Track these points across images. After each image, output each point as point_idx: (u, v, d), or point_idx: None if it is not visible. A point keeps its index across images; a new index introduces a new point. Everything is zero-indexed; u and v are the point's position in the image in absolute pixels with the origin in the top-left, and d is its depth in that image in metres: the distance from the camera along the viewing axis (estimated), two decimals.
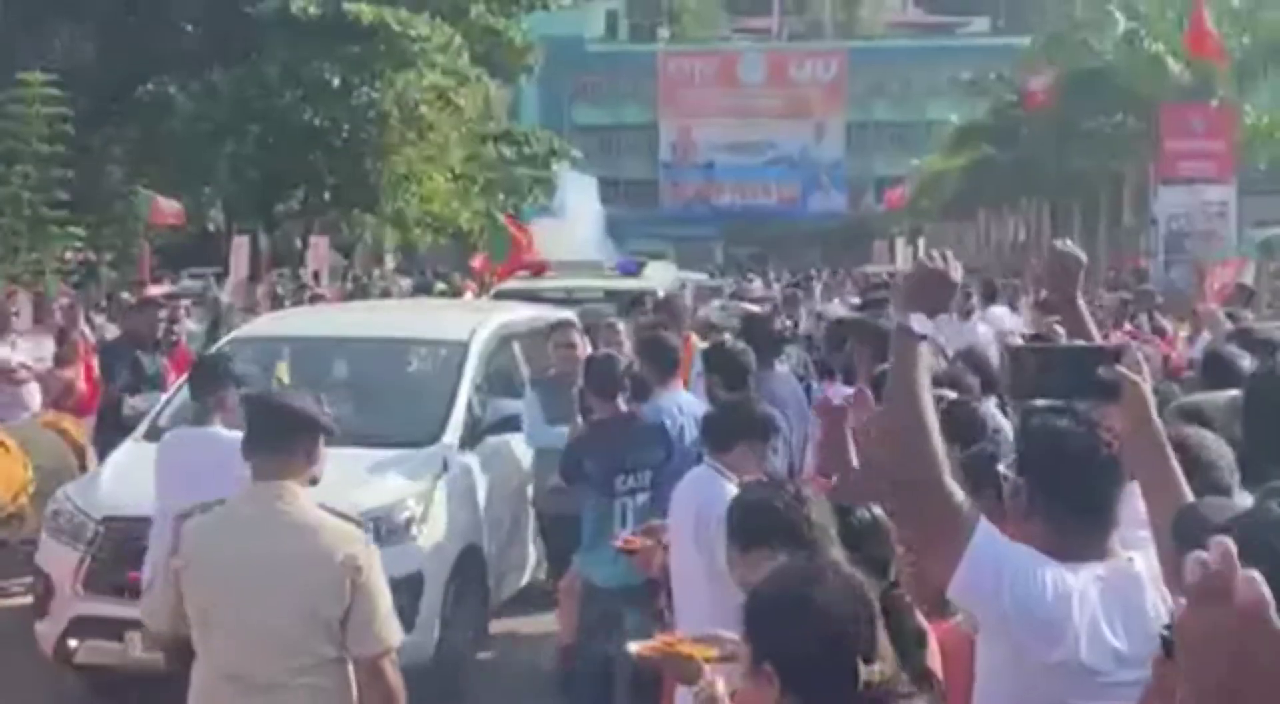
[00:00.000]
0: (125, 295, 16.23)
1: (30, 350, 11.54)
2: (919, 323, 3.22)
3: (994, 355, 7.77)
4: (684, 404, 7.35)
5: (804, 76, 74.84)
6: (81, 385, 11.08)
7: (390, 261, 40.26)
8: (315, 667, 4.10)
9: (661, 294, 12.66)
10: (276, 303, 18.09)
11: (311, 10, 29.86)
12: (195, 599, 4.25)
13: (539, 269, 14.70)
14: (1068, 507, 3.05)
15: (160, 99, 30.80)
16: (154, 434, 8.46)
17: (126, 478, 7.54)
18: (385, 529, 7.39)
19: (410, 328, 10.00)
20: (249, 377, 6.72)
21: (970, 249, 53.56)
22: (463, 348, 8.92)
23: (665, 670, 3.91)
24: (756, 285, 9.70)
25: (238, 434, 5.06)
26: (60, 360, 11.28)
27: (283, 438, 4.32)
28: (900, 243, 63.21)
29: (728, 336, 8.60)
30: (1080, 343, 3.56)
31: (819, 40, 77.85)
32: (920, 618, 3.42)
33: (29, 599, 8.25)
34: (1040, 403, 3.33)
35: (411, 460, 7.90)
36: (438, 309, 14.26)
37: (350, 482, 7.62)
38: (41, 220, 25.73)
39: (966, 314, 13.17)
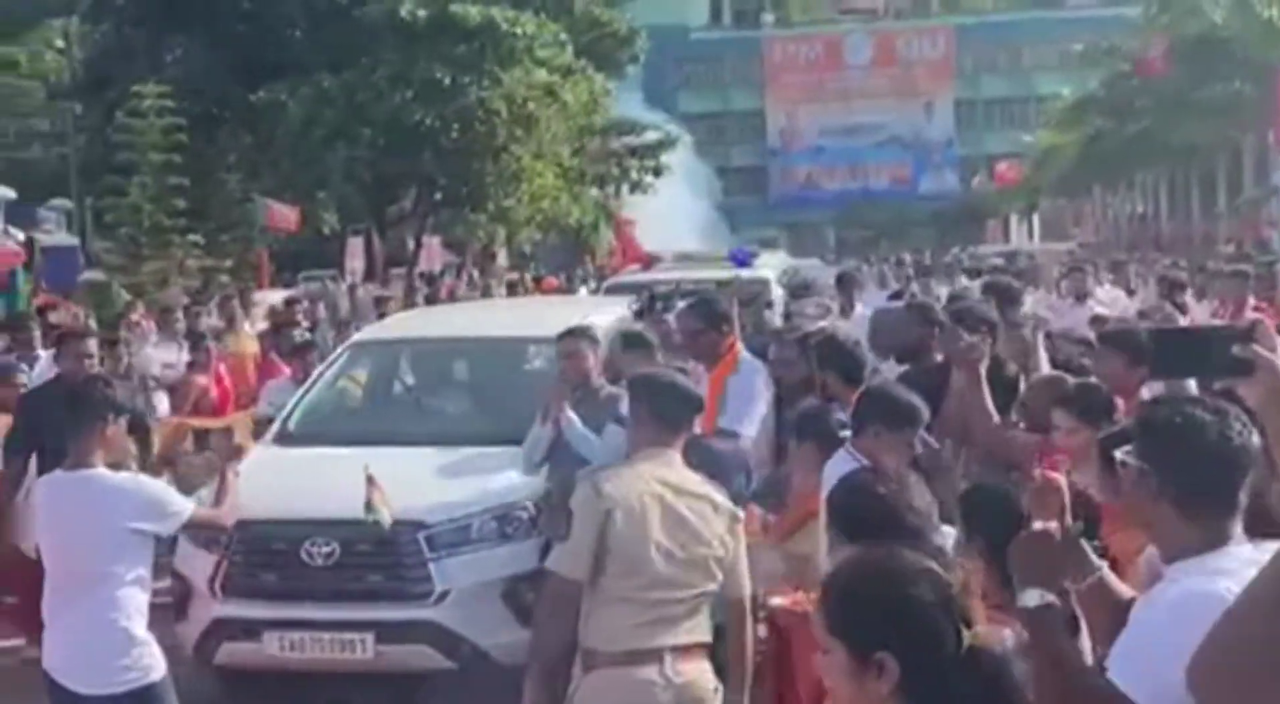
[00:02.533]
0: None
1: (159, 358, 11.82)
2: (1038, 597, 3.05)
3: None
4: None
5: (911, 55, 74.19)
6: (214, 391, 11.31)
7: (502, 259, 40.54)
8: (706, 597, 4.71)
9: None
10: (409, 301, 18.30)
11: (420, 13, 30.15)
12: (628, 545, 4.57)
13: (649, 262, 14.74)
14: (1199, 494, 3.04)
15: (272, 106, 31.29)
16: (284, 439, 8.68)
17: (258, 482, 7.68)
18: (508, 527, 7.50)
19: (526, 326, 10.07)
20: (129, 404, 6.15)
21: (1086, 225, 52.75)
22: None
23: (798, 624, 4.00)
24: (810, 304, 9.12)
25: (122, 476, 5.39)
26: (194, 366, 11.50)
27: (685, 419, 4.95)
28: (1014, 220, 62.45)
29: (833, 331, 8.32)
30: (1216, 323, 3.63)
31: (925, 18, 77.06)
32: None
33: (168, 601, 8.49)
34: (1163, 388, 3.32)
35: None
36: (553, 307, 14.36)
37: (472, 479, 7.76)
38: (161, 229, 26.28)
39: (1081, 298, 12.76)
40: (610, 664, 4.56)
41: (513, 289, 22.89)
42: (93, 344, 8.26)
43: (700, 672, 4.66)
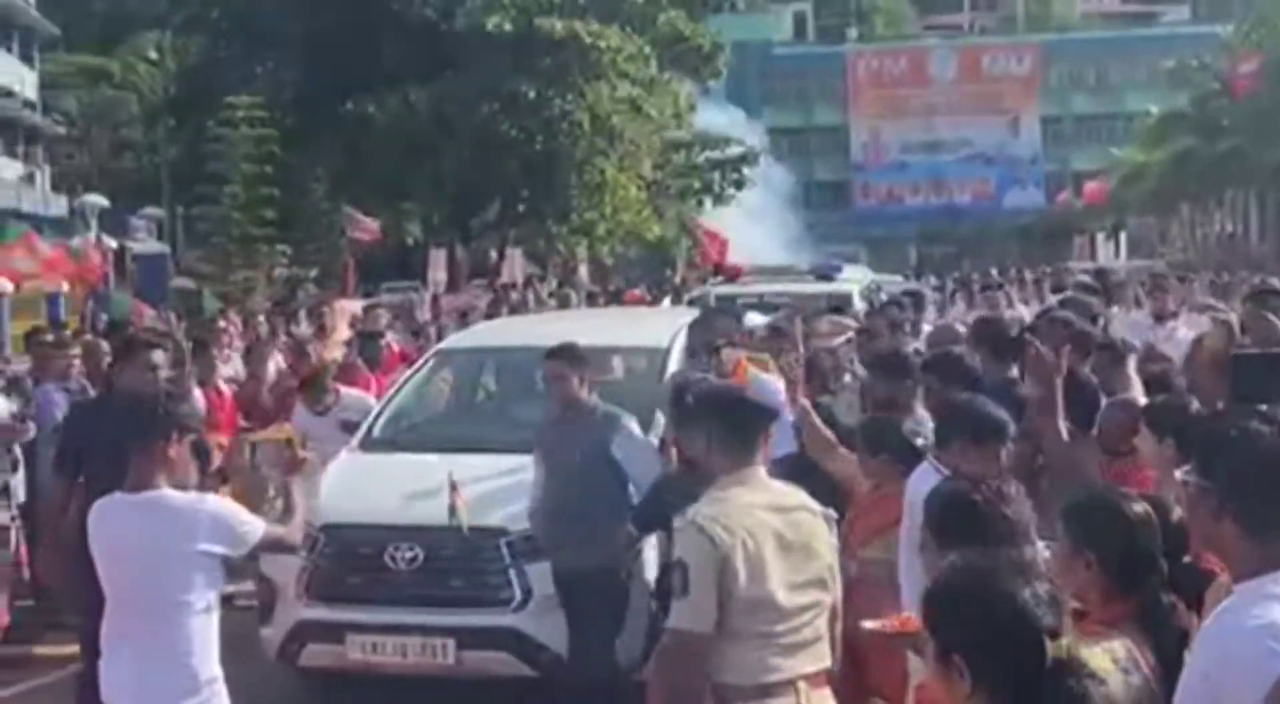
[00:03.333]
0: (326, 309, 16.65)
1: (239, 366, 12.02)
2: None
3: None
4: None
5: (997, 71, 73.67)
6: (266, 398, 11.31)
7: (583, 272, 40.75)
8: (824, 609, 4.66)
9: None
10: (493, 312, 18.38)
11: (506, 27, 30.39)
12: (752, 588, 4.44)
13: (733, 274, 14.73)
14: (1259, 510, 2.99)
15: (360, 118, 31.66)
16: (369, 445, 8.77)
17: (345, 487, 7.79)
18: None
19: (611, 335, 10.09)
20: (194, 421, 5.36)
21: (1174, 244, 52.12)
22: (663, 354, 9.00)
23: (899, 646, 3.99)
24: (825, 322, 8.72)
25: (189, 496, 4.91)
26: (251, 374, 11.56)
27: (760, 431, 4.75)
28: (1101, 238, 61.76)
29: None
30: None
31: (1011, 34, 76.51)
32: None
33: (254, 604, 8.61)
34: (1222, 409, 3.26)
35: None
36: (637, 317, 14.37)
37: None
38: (250, 238, 26.69)
39: (1161, 317, 12.29)
40: (744, 699, 4.43)
41: (592, 301, 22.90)
42: (160, 355, 7.55)
43: (829, 698, 4.59)
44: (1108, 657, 3.23)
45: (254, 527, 4.97)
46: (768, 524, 4.47)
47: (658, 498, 6.21)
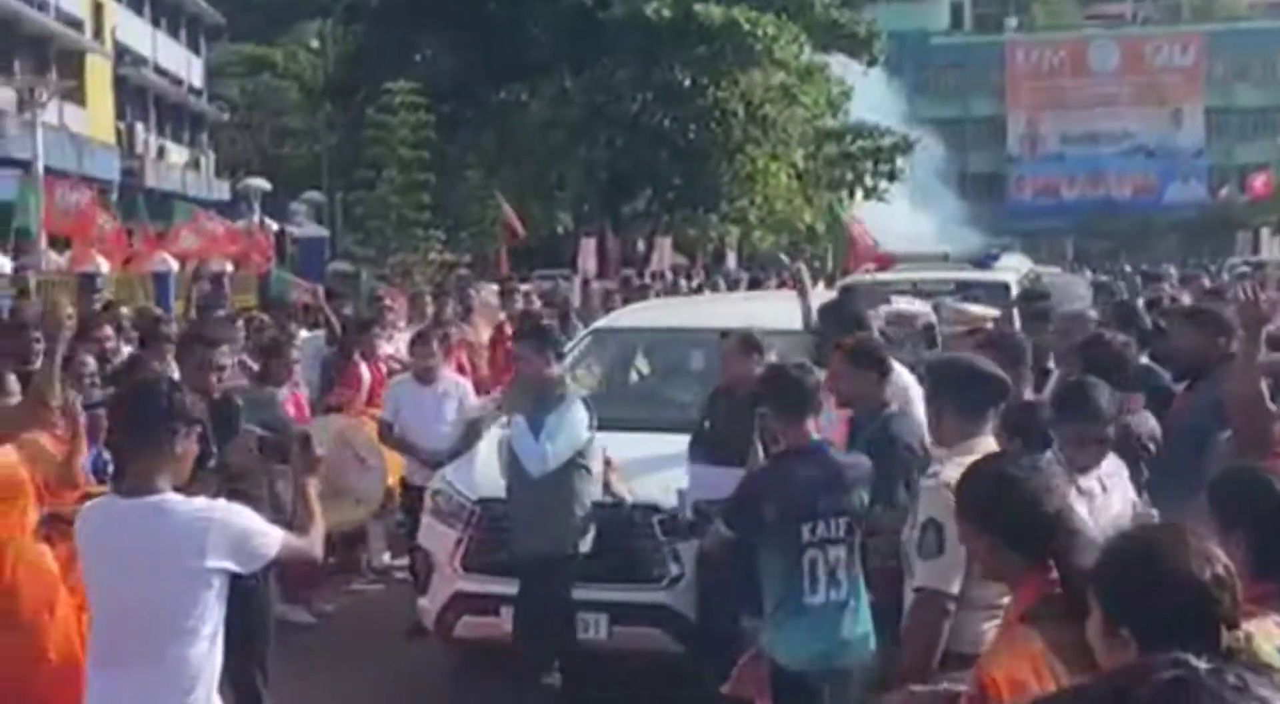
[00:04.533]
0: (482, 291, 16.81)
1: (402, 343, 12.25)
2: None
3: None
4: None
5: (1160, 62, 71.99)
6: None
7: (732, 261, 40.67)
8: None
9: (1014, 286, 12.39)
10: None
11: (665, 13, 30.42)
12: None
13: (885, 262, 14.60)
14: None
15: (514, 106, 31.93)
16: None
17: (500, 462, 7.90)
18: None
19: (759, 318, 10.08)
20: (199, 413, 4.60)
21: None
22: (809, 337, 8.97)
23: None
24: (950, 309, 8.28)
25: (198, 503, 4.22)
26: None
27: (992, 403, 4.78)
28: (1266, 233, 60.04)
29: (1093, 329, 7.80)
30: None
31: (1174, 25, 74.66)
32: None
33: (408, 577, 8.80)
34: None
35: None
36: (785, 300, 14.31)
37: None
38: (407, 223, 27.10)
39: None
40: (965, 669, 4.20)
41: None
42: (224, 355, 7.12)
43: None
44: (1272, 642, 3.15)
45: (270, 538, 4.33)
46: None
47: (748, 495, 5.77)
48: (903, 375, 6.85)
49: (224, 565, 4.18)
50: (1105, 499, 5.04)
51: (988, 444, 4.62)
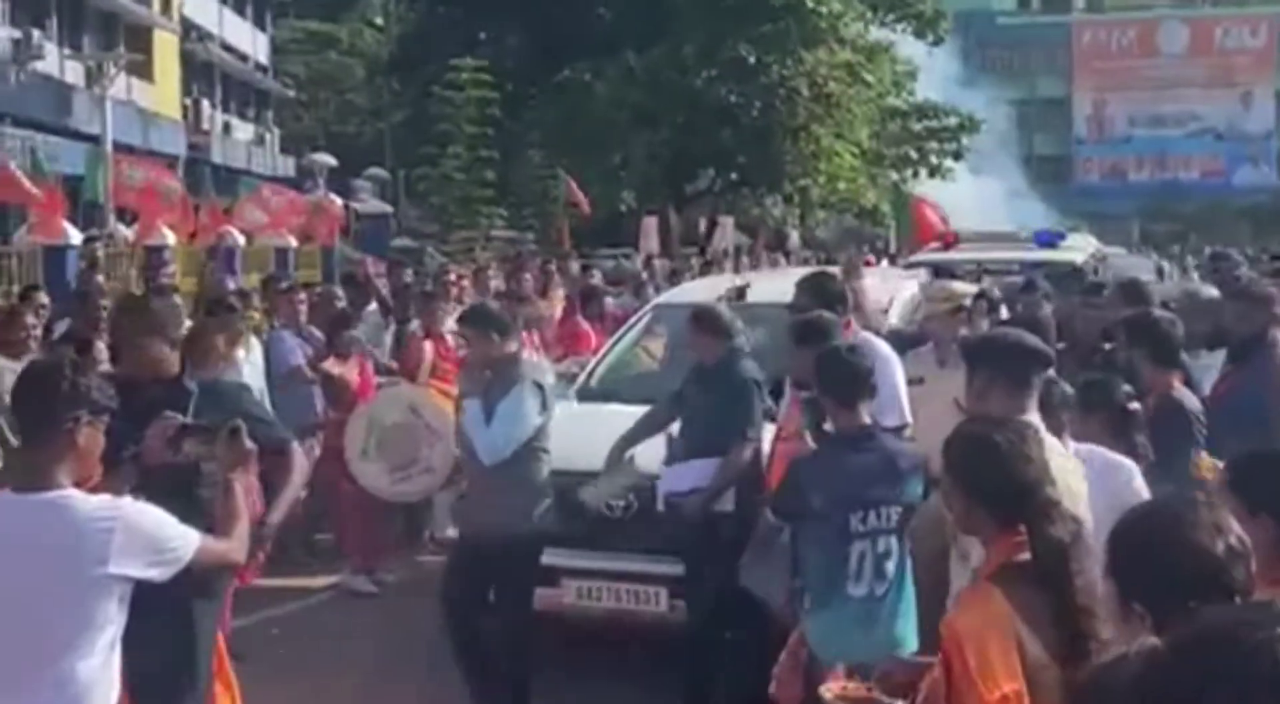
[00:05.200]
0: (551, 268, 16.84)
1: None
2: None
3: None
4: None
5: (1229, 44, 71.02)
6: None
7: (794, 240, 40.59)
8: None
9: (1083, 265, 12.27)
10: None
11: None
12: None
13: (950, 241, 14.46)
14: None
15: (578, 84, 31.94)
16: (586, 395, 8.91)
17: (564, 435, 7.90)
18: None
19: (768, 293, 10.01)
20: (106, 400, 3.93)
21: None
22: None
23: None
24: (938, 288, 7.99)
25: (100, 501, 3.74)
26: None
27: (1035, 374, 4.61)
28: None
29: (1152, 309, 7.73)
30: None
31: (1244, 6, 73.58)
32: None
33: None
34: None
35: None
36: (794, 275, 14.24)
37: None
38: (470, 200, 27.22)
39: None
40: None
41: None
42: (221, 342, 7.04)
43: None
44: None
45: (185, 542, 3.85)
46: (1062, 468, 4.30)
47: (795, 481, 5.60)
48: (878, 346, 6.84)
49: (130, 572, 3.70)
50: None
51: (1035, 420, 4.52)
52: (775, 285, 10.00)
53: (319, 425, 10.06)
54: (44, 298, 8.84)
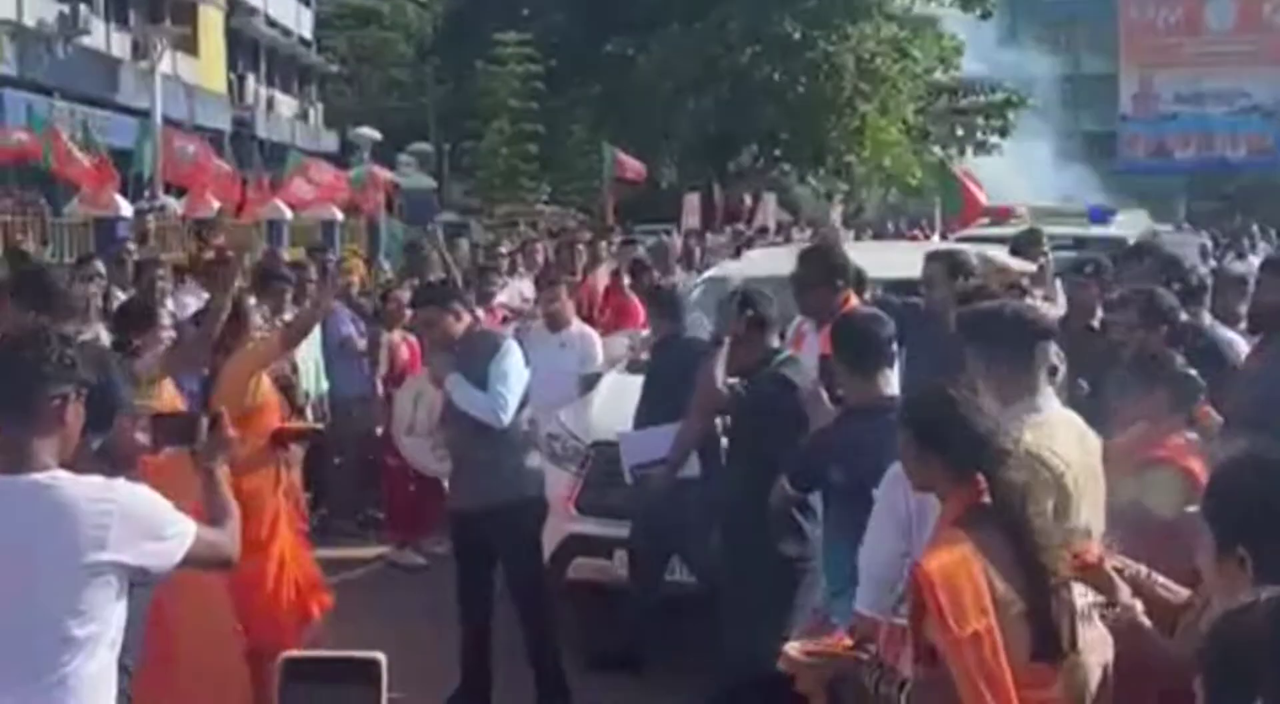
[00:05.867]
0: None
1: (516, 292, 12.37)
2: None
3: None
4: None
5: (1278, 20, 70.17)
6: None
7: (837, 216, 40.43)
8: None
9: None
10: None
11: None
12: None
13: (1001, 215, 14.41)
14: None
15: (622, 59, 31.86)
16: (635, 367, 8.91)
17: (614, 406, 7.92)
18: None
19: (873, 267, 9.97)
20: (90, 375, 3.61)
21: None
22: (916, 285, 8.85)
23: (1087, 582, 3.91)
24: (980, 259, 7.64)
25: (96, 484, 3.40)
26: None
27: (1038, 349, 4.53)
28: None
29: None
30: None
31: None
32: None
33: None
34: None
35: None
36: (896, 249, 14.25)
37: None
38: (515, 173, 27.25)
39: None
40: None
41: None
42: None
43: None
44: None
45: (183, 528, 3.51)
46: (1087, 464, 4.34)
47: (815, 453, 5.43)
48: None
49: (127, 560, 3.35)
50: None
51: (1052, 403, 4.42)
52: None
53: (372, 398, 10.17)
54: (100, 267, 8.92)
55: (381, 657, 1.21)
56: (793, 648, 4.42)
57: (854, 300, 6.87)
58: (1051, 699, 3.70)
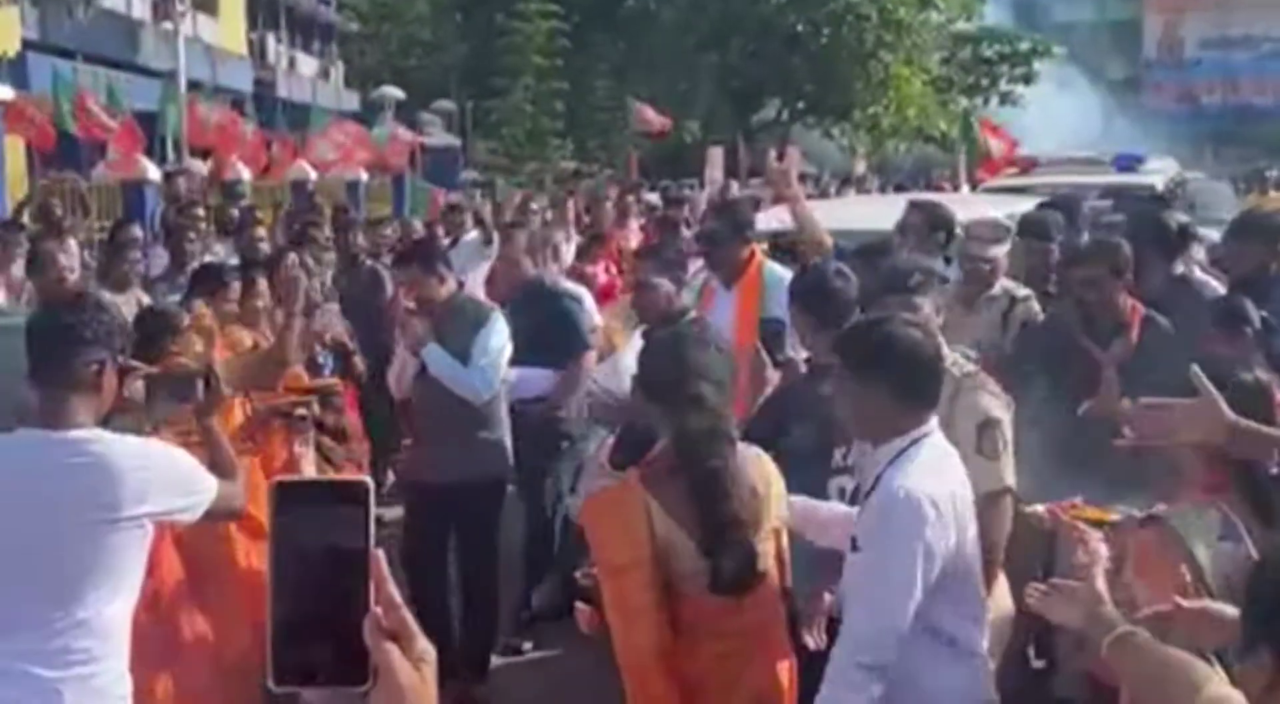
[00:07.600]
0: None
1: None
2: None
3: None
4: None
5: None
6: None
7: (862, 168, 40.31)
8: None
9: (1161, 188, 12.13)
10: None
11: None
12: None
13: (1027, 166, 14.35)
14: None
15: (644, 13, 31.75)
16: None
17: None
18: None
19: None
20: (121, 335, 3.80)
21: None
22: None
23: (1061, 533, 3.82)
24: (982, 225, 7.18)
25: (134, 441, 3.65)
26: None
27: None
28: None
29: None
30: None
31: None
32: None
33: None
34: None
35: None
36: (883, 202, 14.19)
37: None
38: (540, 131, 27.22)
39: None
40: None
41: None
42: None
43: None
44: None
45: (209, 484, 3.75)
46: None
47: (772, 411, 5.10)
48: (776, 268, 6.62)
49: (163, 510, 3.60)
50: None
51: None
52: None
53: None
54: (137, 231, 8.96)
55: (369, 479, 1.30)
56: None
57: (759, 256, 6.76)
58: (744, 625, 3.74)
